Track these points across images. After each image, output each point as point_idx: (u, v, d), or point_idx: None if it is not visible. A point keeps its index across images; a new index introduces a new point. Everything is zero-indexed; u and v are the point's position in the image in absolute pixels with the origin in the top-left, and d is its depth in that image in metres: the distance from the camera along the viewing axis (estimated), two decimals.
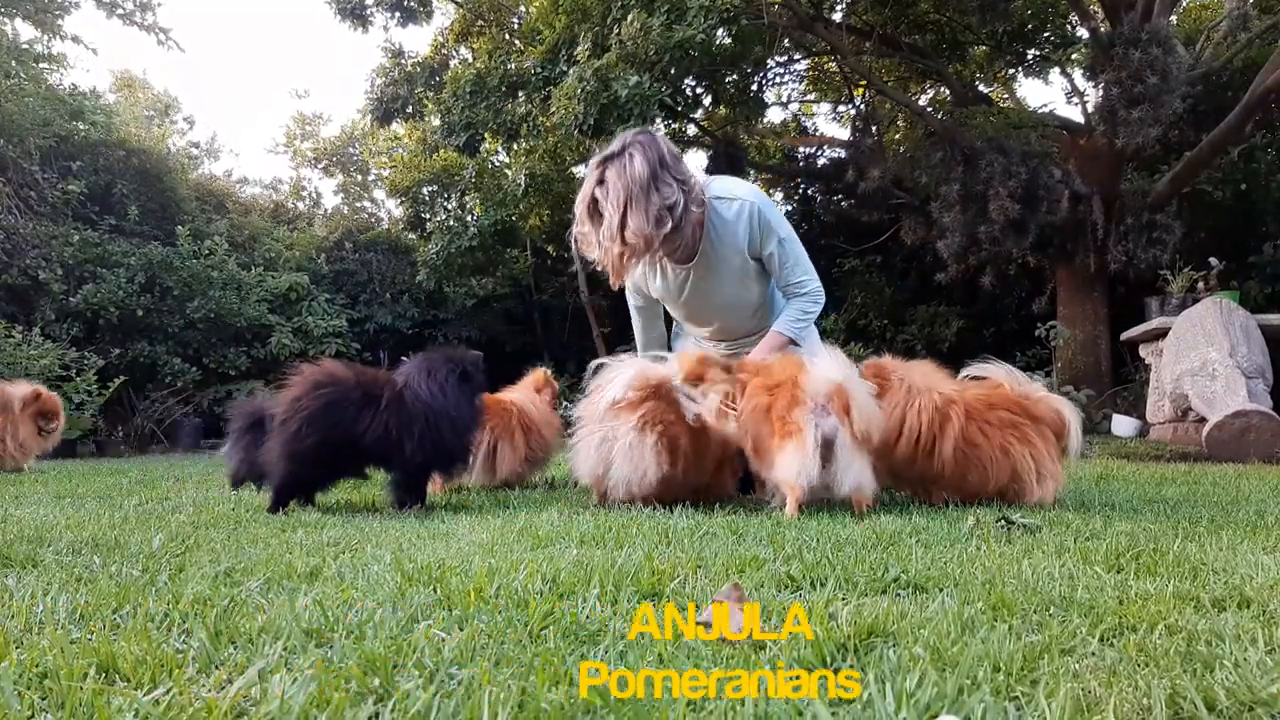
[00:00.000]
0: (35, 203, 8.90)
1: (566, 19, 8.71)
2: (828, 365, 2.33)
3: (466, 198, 11.87)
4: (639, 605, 1.21)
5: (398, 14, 10.09)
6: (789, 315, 2.86)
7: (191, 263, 9.31)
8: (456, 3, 11.23)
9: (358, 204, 16.54)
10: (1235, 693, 0.85)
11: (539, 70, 8.99)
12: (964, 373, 2.70)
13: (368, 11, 10.07)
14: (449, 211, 12.01)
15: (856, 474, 2.26)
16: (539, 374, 3.69)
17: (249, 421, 3.02)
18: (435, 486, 3.13)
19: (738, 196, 2.77)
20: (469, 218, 11.58)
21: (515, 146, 10.34)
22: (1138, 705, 0.82)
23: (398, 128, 13.33)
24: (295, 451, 2.46)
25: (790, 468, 2.25)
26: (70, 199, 9.27)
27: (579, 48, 7.96)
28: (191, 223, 10.27)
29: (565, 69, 8.35)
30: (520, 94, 9.24)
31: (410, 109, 11.17)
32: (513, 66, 9.43)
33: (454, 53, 11.79)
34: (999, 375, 2.64)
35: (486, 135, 9.99)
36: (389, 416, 2.50)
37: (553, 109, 8.15)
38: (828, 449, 2.22)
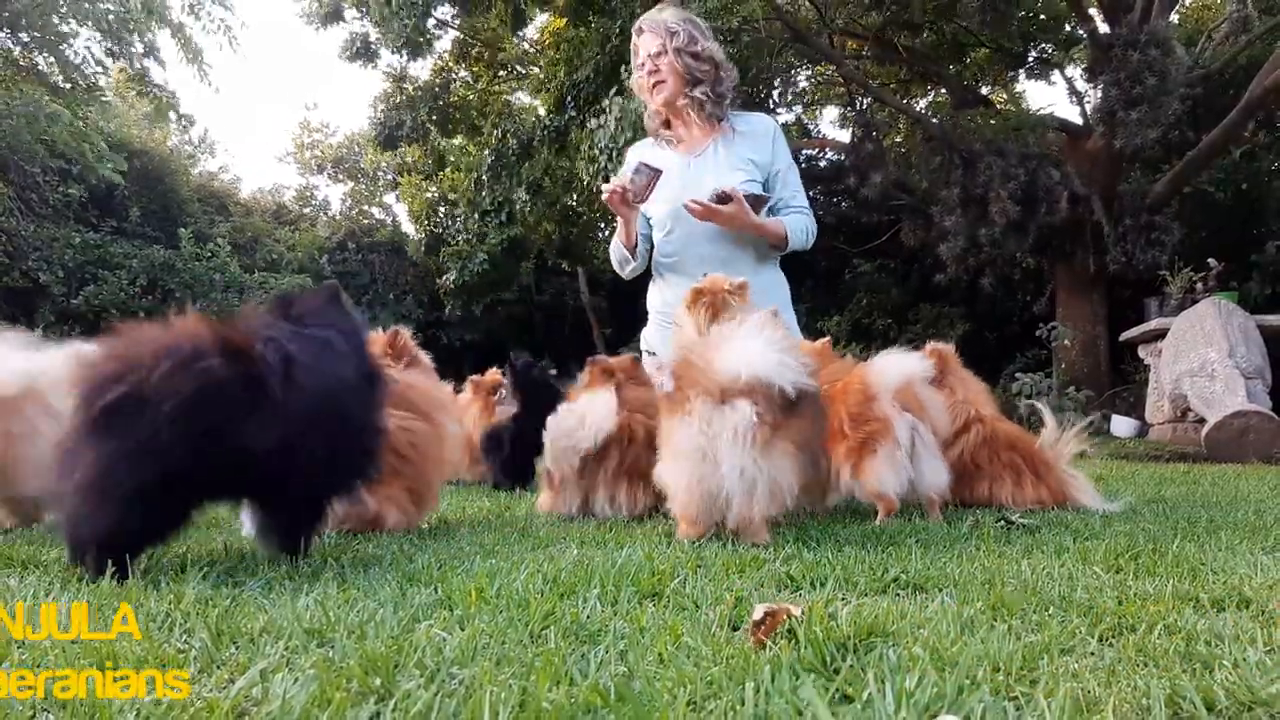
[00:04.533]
0: (37, 205, 8.91)
1: (567, 67, 8.85)
2: (892, 359, 2.21)
3: (480, 217, 11.89)
4: (639, 605, 1.22)
5: (405, 52, 10.27)
6: (794, 219, 2.81)
7: (193, 265, 9.32)
8: (455, 29, 11.30)
9: (364, 208, 16.57)
10: (1235, 693, 0.85)
11: (550, 123, 9.08)
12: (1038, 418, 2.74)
13: (372, 49, 10.27)
14: (461, 231, 11.97)
15: (935, 472, 2.18)
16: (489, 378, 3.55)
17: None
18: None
19: (759, 115, 2.98)
20: (479, 238, 11.59)
21: (539, 200, 10.30)
22: (1137, 705, 0.83)
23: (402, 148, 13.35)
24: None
25: (885, 478, 2.09)
26: (71, 201, 9.28)
27: (595, 120, 7.95)
28: (194, 224, 10.29)
29: (574, 114, 8.46)
30: (536, 154, 9.35)
31: (414, 134, 11.24)
32: (526, 122, 9.53)
33: (454, 75, 11.83)
34: (1049, 424, 2.67)
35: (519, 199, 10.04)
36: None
37: (577, 169, 8.26)
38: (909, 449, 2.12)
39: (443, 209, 12.83)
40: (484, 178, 9.73)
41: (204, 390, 1.36)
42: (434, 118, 11.04)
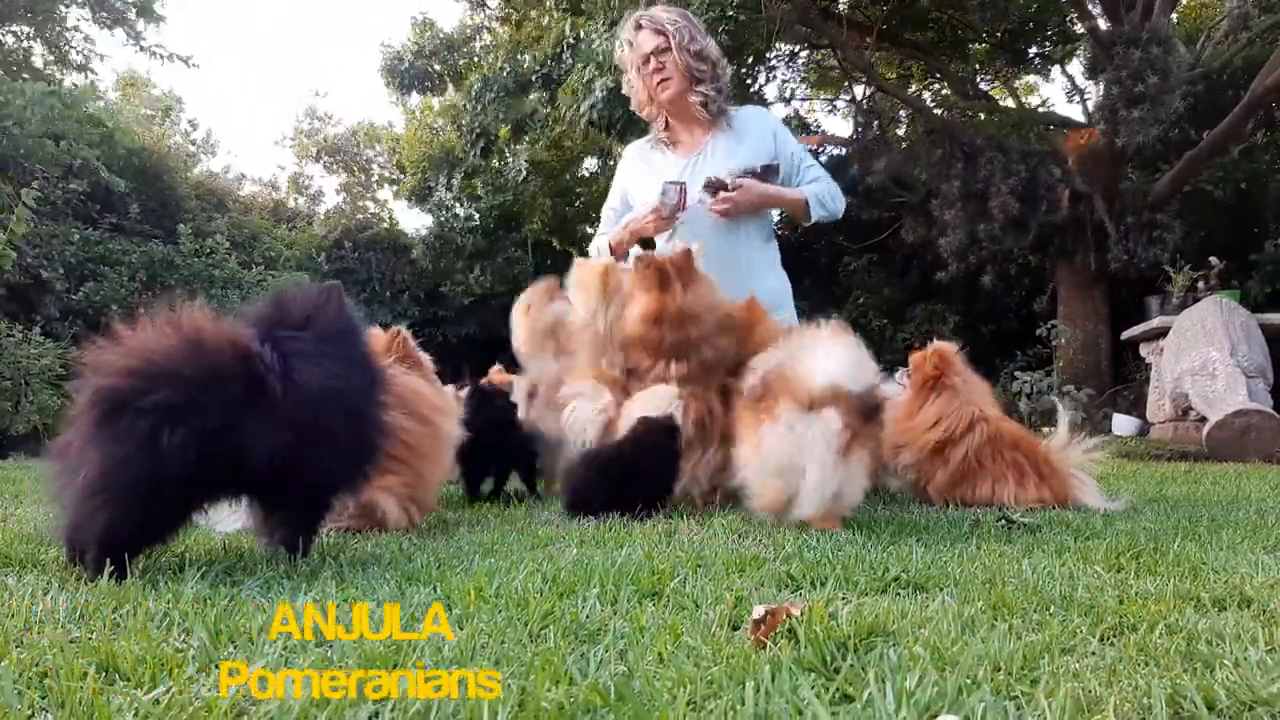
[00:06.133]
0: (36, 201, 8.91)
1: (570, 17, 8.78)
2: None
3: (473, 179, 11.80)
4: (639, 604, 1.21)
5: None
6: (811, 186, 2.82)
7: (192, 261, 9.32)
8: None
9: (360, 203, 16.57)
10: (1236, 692, 0.85)
11: (540, 69, 9.04)
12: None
13: None
14: (451, 189, 11.92)
15: None
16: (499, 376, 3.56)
17: None
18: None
19: (755, 110, 3.05)
20: (470, 201, 11.57)
21: (521, 141, 10.32)
22: (1138, 705, 0.82)
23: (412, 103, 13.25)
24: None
25: None
26: (71, 197, 9.28)
27: (583, 45, 7.99)
28: (192, 221, 10.29)
29: (568, 64, 8.41)
30: (528, 94, 9.33)
31: (430, 84, 11.20)
32: (526, 60, 9.47)
33: (479, 35, 11.75)
34: (1063, 428, 2.69)
35: (498, 134, 10.02)
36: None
37: (560, 108, 8.22)
38: None
39: (436, 170, 12.68)
40: (472, 97, 9.66)
41: (206, 390, 1.36)
42: (449, 71, 11.01)
